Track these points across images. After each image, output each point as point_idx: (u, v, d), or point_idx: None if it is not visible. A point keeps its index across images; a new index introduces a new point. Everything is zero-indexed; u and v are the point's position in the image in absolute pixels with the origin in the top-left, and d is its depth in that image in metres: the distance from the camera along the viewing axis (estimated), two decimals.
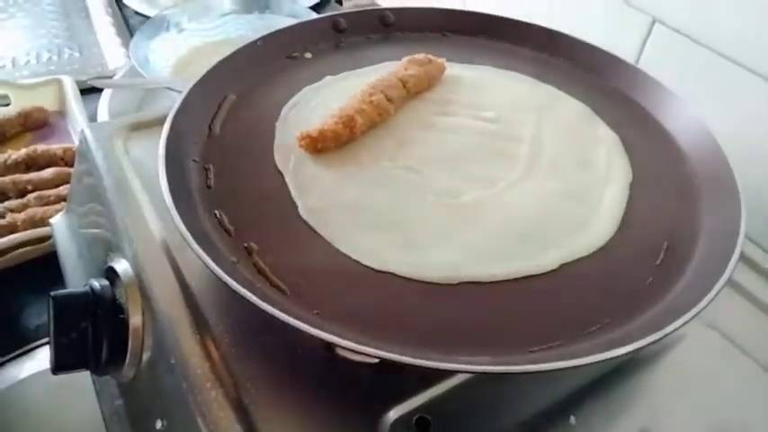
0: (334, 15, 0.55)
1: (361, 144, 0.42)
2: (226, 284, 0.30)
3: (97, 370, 0.39)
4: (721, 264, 0.33)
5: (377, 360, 0.34)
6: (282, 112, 0.45)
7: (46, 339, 0.53)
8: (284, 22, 0.85)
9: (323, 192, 0.38)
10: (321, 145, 0.40)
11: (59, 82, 0.80)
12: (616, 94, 0.50)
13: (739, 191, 0.38)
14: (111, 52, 0.93)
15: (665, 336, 0.29)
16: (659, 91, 0.48)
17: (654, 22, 0.57)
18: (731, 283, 0.44)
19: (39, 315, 0.57)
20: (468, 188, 0.39)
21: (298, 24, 0.55)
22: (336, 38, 0.55)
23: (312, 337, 0.28)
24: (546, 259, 0.35)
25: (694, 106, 0.45)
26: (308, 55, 0.52)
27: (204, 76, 0.45)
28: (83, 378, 0.42)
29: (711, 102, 0.48)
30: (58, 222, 0.55)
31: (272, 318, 0.29)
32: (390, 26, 0.56)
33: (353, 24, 0.55)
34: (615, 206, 0.39)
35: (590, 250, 0.36)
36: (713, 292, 0.31)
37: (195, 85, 0.44)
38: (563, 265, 0.35)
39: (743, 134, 0.50)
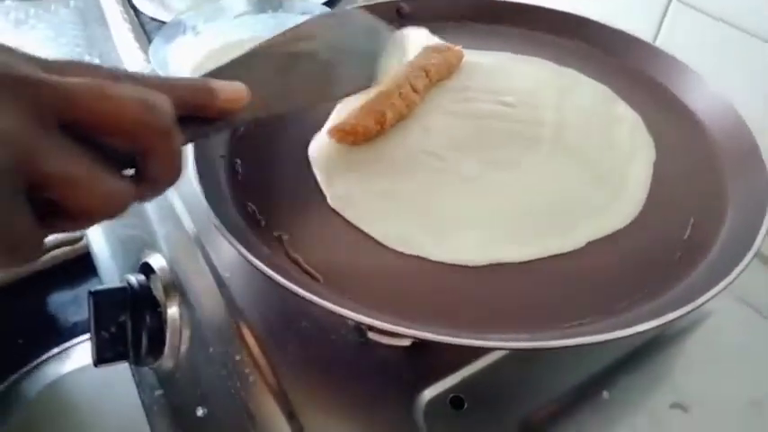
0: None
1: (387, 134, 0.43)
2: (261, 273, 0.30)
3: (137, 361, 0.40)
4: (750, 236, 0.33)
5: (409, 342, 0.34)
6: None
7: (84, 337, 0.54)
8: (298, 20, 0.86)
9: (350, 181, 0.39)
10: (353, 139, 0.41)
11: None
12: (635, 74, 0.50)
13: (765, 164, 0.38)
14: (130, 57, 0.95)
15: (695, 309, 0.29)
16: (679, 69, 0.48)
17: (670, 0, 0.56)
18: (762, 257, 0.44)
19: (75, 313, 0.59)
20: (494, 171, 0.40)
21: (311, 20, 0.56)
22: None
23: (345, 322, 0.29)
24: (573, 238, 0.35)
25: (715, 82, 0.45)
26: None
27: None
28: (123, 371, 0.44)
29: (732, 77, 0.48)
30: None
31: (307, 304, 0.29)
32: (406, 17, 0.57)
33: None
34: (640, 184, 0.39)
35: (617, 228, 0.36)
36: (742, 265, 0.31)
37: None
38: (590, 244, 0.35)
39: (764, 106, 0.50)
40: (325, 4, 0.91)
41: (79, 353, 0.54)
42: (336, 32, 0.39)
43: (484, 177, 0.39)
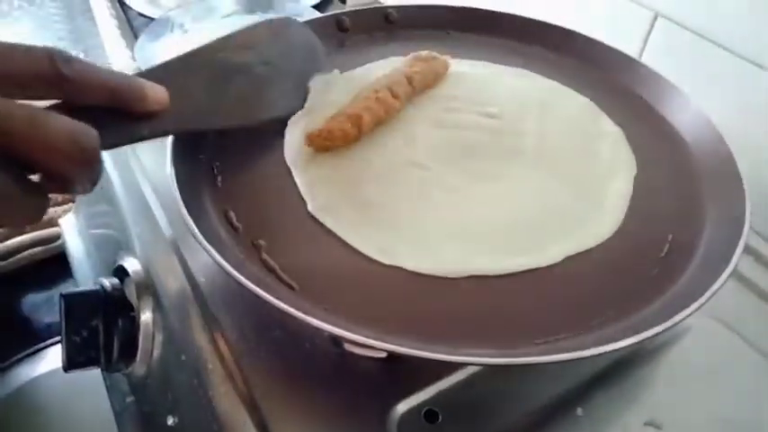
0: (338, 14, 0.55)
1: (368, 141, 0.42)
2: (235, 281, 0.30)
3: (108, 367, 0.39)
4: (726, 255, 0.33)
5: (385, 354, 0.34)
6: None
7: (57, 338, 0.54)
8: None
9: (332, 189, 0.39)
10: (330, 144, 0.41)
11: None
12: (620, 89, 0.50)
13: (743, 182, 0.38)
14: (116, 54, 0.94)
15: (669, 328, 0.29)
16: (662, 85, 0.48)
17: (656, 17, 0.57)
18: (738, 275, 0.44)
19: (49, 314, 0.58)
20: (475, 183, 0.40)
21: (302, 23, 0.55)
22: (341, 36, 0.55)
23: (320, 331, 0.29)
24: (551, 252, 0.35)
25: (697, 99, 0.46)
26: None
27: None
28: (93, 376, 0.43)
29: (714, 94, 0.48)
30: (67, 223, 0.55)
31: (281, 313, 0.29)
32: (394, 24, 0.57)
33: (357, 23, 0.55)
34: (619, 200, 0.39)
35: (594, 243, 0.36)
36: (717, 284, 0.31)
37: None
38: (567, 258, 0.35)
39: (745, 126, 0.50)
40: (314, 6, 0.91)
41: (51, 355, 0.53)
42: (273, 46, 0.38)
43: (465, 189, 0.39)
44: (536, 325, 0.32)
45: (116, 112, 0.27)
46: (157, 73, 0.30)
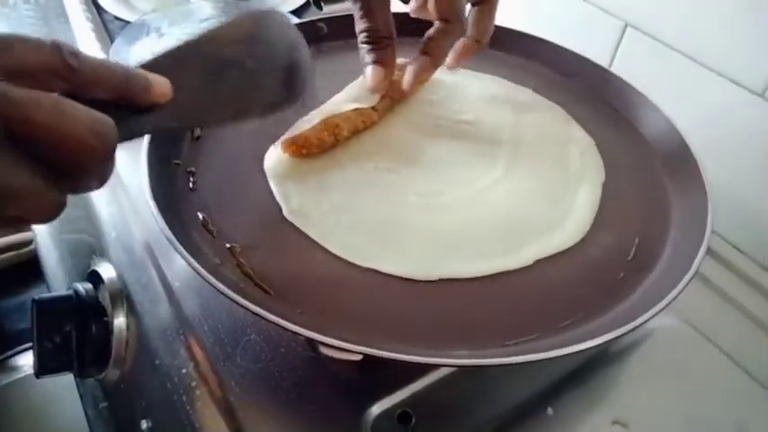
0: (315, 21, 0.56)
1: (344, 147, 0.43)
2: (210, 285, 0.30)
3: (81, 373, 0.39)
4: (689, 259, 0.35)
5: (359, 357, 0.34)
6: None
7: (29, 344, 0.53)
8: None
9: (306, 193, 0.39)
10: (306, 151, 0.41)
11: None
12: (590, 97, 0.52)
13: (706, 189, 0.40)
14: None
15: (634, 329, 0.30)
16: (630, 93, 0.50)
17: (626, 27, 0.58)
18: (702, 278, 0.46)
19: (21, 320, 0.57)
20: (449, 188, 0.40)
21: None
22: (318, 42, 0.55)
23: (295, 335, 0.29)
24: (522, 256, 0.36)
25: (664, 107, 0.47)
26: None
27: None
28: (66, 382, 0.42)
29: (680, 102, 0.50)
30: (40, 227, 0.55)
31: (256, 317, 0.29)
32: None
33: (334, 29, 0.56)
34: (588, 205, 0.41)
35: (564, 247, 0.37)
36: (679, 287, 0.32)
37: None
38: (538, 262, 0.36)
39: (710, 133, 0.52)
40: (292, 12, 0.91)
41: (24, 361, 0.53)
42: (259, 39, 0.37)
43: (439, 193, 0.40)
44: (507, 327, 0.33)
45: (119, 106, 0.27)
46: (150, 68, 0.29)
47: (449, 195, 0.40)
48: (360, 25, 0.42)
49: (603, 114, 0.50)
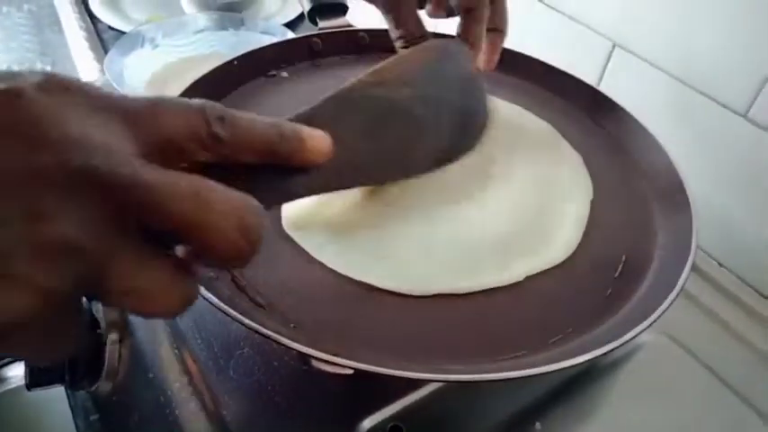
0: (310, 36, 0.56)
1: None
2: (203, 297, 0.30)
3: (73, 385, 0.39)
4: (674, 276, 0.35)
5: (351, 371, 0.35)
6: None
7: None
8: (258, 38, 0.86)
9: (302, 207, 0.39)
10: None
11: None
12: (579, 115, 0.53)
13: (691, 207, 0.41)
14: (85, 67, 0.93)
15: (620, 345, 0.31)
16: (618, 112, 0.51)
17: (614, 47, 0.60)
18: (687, 294, 0.47)
19: None
20: (440, 203, 0.41)
21: (273, 45, 0.56)
22: (312, 57, 0.56)
23: (288, 349, 0.30)
24: (513, 272, 0.37)
25: (650, 126, 0.48)
26: (285, 74, 0.54)
27: (181, 95, 0.46)
28: (57, 394, 0.42)
29: (666, 122, 0.51)
30: None
31: (249, 331, 0.29)
32: (365, 47, 0.58)
33: (329, 45, 0.56)
34: (577, 222, 0.41)
35: (553, 263, 0.38)
36: (665, 304, 0.33)
37: None
38: (528, 278, 0.37)
39: (695, 152, 0.53)
40: (286, 25, 0.92)
41: (13, 373, 0.52)
42: (431, 79, 0.32)
43: (431, 208, 0.41)
44: (498, 343, 0.33)
45: (269, 168, 0.23)
46: (309, 118, 0.25)
47: (441, 210, 0.41)
48: (395, 33, 0.43)
49: (592, 133, 0.51)
